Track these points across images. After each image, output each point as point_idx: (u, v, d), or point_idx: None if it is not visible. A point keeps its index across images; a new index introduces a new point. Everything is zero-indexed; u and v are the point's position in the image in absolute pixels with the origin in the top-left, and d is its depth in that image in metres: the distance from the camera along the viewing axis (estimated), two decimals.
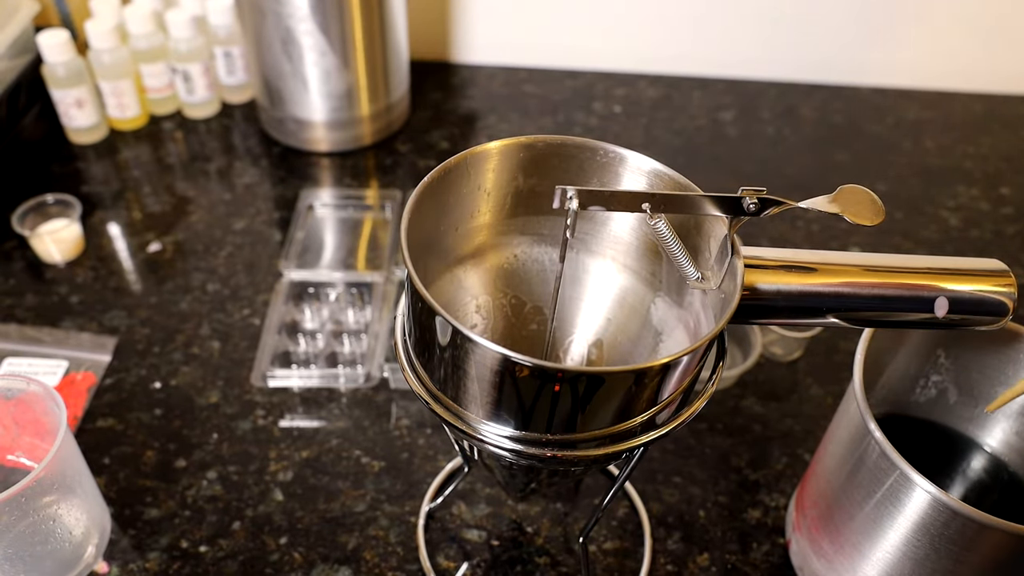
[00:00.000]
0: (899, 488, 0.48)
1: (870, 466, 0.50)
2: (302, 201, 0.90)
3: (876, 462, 0.50)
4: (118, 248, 0.86)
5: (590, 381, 0.39)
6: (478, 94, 1.11)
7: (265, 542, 0.63)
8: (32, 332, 0.76)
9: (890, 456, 0.48)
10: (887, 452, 0.48)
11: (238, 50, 1.01)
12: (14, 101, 0.94)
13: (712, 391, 0.45)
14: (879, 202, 0.42)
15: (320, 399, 0.72)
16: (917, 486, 0.47)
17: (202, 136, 1.02)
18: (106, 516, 0.62)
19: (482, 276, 0.52)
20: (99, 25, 0.93)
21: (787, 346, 0.76)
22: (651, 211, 0.42)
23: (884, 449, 0.48)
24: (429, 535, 0.64)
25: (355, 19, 0.90)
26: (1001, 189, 0.99)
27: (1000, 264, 0.47)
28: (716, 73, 1.15)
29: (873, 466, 0.50)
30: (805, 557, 0.60)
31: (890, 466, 0.48)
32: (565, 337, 0.54)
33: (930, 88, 1.15)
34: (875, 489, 0.50)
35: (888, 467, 0.49)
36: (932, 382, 0.61)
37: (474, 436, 0.43)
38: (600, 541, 0.64)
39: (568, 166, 0.48)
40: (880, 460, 0.49)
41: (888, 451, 0.48)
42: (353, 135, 0.99)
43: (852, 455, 0.52)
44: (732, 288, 0.43)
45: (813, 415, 0.73)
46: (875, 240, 0.91)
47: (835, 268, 0.46)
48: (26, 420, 0.60)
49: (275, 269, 0.84)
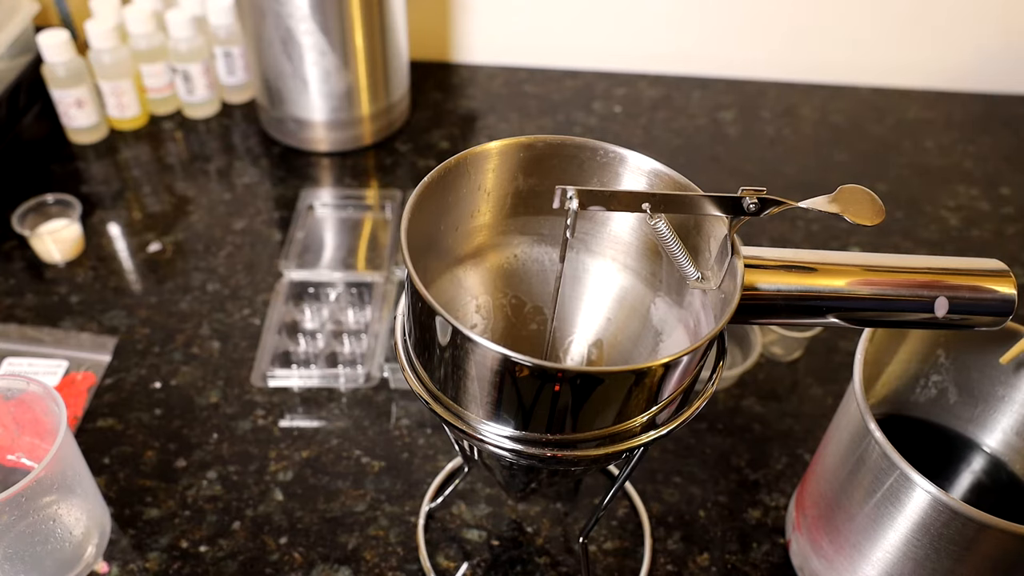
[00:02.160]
0: (899, 488, 0.49)
1: (870, 466, 0.50)
2: (302, 201, 0.90)
3: (876, 462, 0.50)
4: (118, 248, 0.86)
5: (590, 381, 0.39)
6: (478, 94, 1.11)
7: (265, 542, 0.63)
8: (32, 332, 0.76)
9: (890, 456, 0.48)
10: (887, 452, 0.48)
11: (238, 50, 1.01)
12: (14, 101, 0.95)
13: (712, 391, 0.45)
14: (879, 202, 0.42)
15: (320, 399, 0.72)
16: (917, 486, 0.47)
17: (202, 136, 1.02)
18: (106, 516, 0.62)
19: (482, 276, 0.52)
20: (99, 25, 0.93)
21: (787, 346, 0.76)
22: (651, 211, 0.42)
23: (884, 449, 0.48)
24: (429, 535, 0.64)
25: (355, 19, 0.90)
26: (1001, 189, 0.99)
27: (1000, 264, 0.47)
28: (716, 73, 1.15)
29: (873, 466, 0.50)
30: (805, 557, 0.60)
31: (890, 466, 0.48)
32: (565, 337, 0.54)
33: (930, 88, 1.15)
34: (875, 489, 0.50)
35: (888, 467, 0.49)
36: (932, 382, 0.61)
37: (474, 436, 0.43)
38: (600, 541, 0.64)
39: (568, 166, 0.48)
40: (880, 460, 0.49)
41: (888, 451, 0.48)
42: (353, 135, 0.99)
43: (852, 455, 0.52)
44: (732, 288, 0.43)
45: (813, 415, 0.73)
46: (875, 240, 0.91)
47: (835, 268, 0.46)
48: (26, 420, 0.60)
49: (275, 269, 0.84)
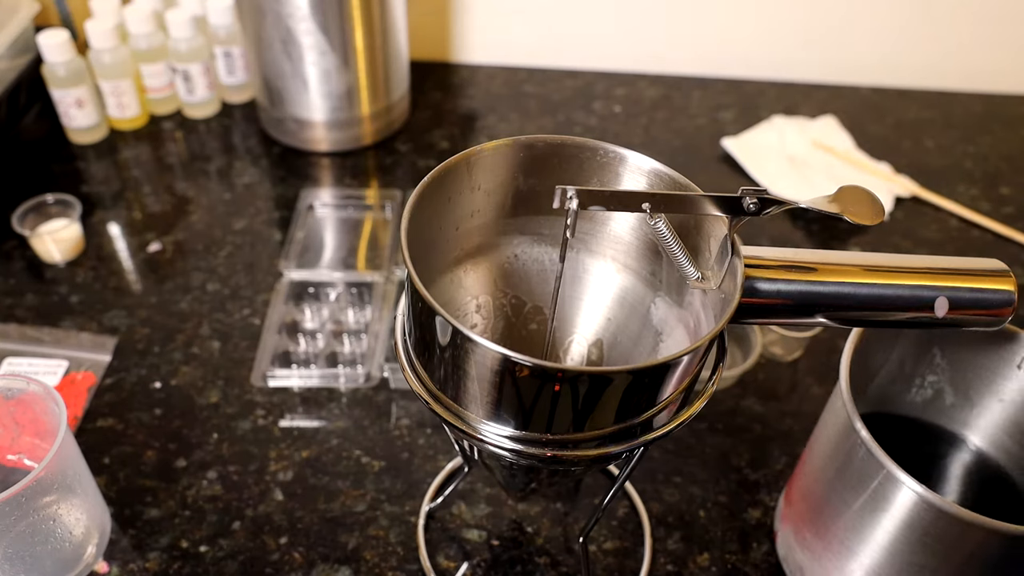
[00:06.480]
0: (886, 487, 0.48)
1: (857, 465, 0.50)
2: (302, 201, 0.90)
3: (863, 461, 0.50)
4: (118, 248, 0.86)
5: (590, 381, 0.39)
6: (478, 94, 1.11)
7: (265, 542, 0.63)
8: (32, 332, 0.76)
9: (876, 456, 0.48)
10: (873, 451, 0.48)
11: (238, 50, 1.01)
12: (14, 101, 0.94)
13: (712, 391, 0.45)
14: (879, 202, 0.42)
15: (320, 399, 0.72)
16: (903, 485, 0.47)
17: (202, 136, 1.02)
18: (106, 516, 0.62)
19: (482, 276, 0.52)
20: (99, 25, 0.93)
21: (787, 346, 0.76)
22: (651, 211, 0.42)
23: (870, 448, 0.48)
24: (429, 535, 0.64)
25: (355, 19, 0.90)
26: (1001, 189, 0.99)
27: (1000, 264, 0.47)
28: (716, 73, 1.15)
29: (860, 465, 0.50)
30: (790, 548, 0.60)
31: (877, 465, 0.48)
32: (565, 337, 0.54)
33: (930, 88, 1.15)
34: (863, 488, 0.50)
35: (875, 466, 0.49)
36: (928, 382, 0.61)
37: (474, 436, 0.43)
38: (600, 541, 0.64)
39: (568, 166, 0.48)
40: (867, 459, 0.49)
41: (874, 450, 0.48)
42: (353, 135, 0.99)
43: (839, 453, 0.52)
44: (732, 288, 0.43)
45: (813, 415, 0.73)
46: (875, 240, 0.91)
47: (835, 268, 0.46)
48: (26, 420, 0.60)
49: (275, 269, 0.84)
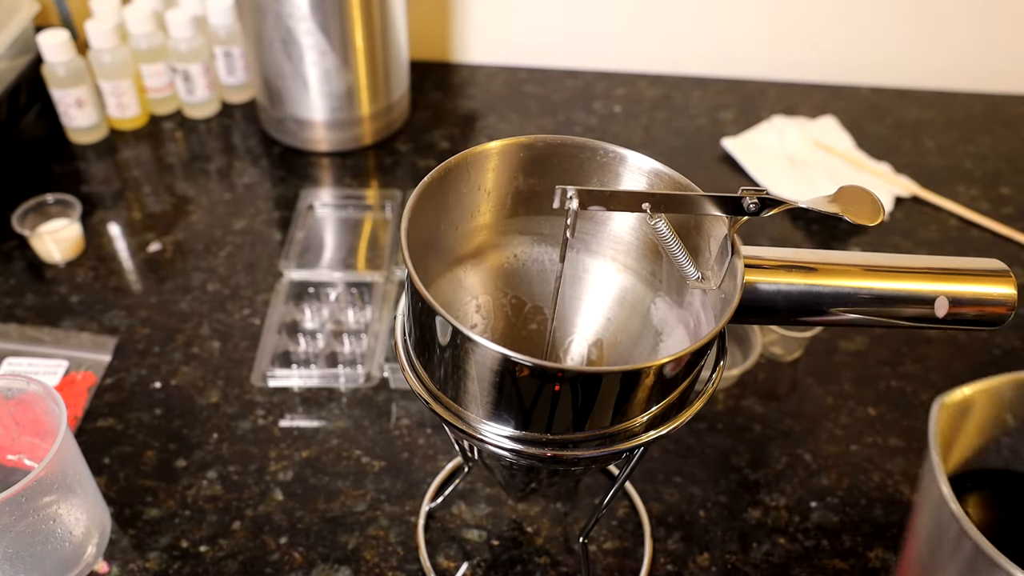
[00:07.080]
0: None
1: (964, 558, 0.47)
2: (302, 201, 0.90)
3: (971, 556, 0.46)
4: (118, 248, 0.86)
5: (590, 381, 0.39)
6: (478, 94, 1.11)
7: (265, 542, 0.63)
8: (32, 332, 0.76)
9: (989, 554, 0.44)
10: (983, 548, 0.44)
11: (238, 50, 1.01)
12: (14, 101, 0.94)
13: (712, 391, 0.45)
14: (879, 202, 0.42)
15: (320, 399, 0.72)
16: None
17: (202, 136, 1.02)
18: (106, 516, 0.62)
19: (482, 276, 0.52)
20: (99, 25, 0.93)
21: (787, 346, 0.76)
22: (651, 211, 0.42)
23: (980, 545, 0.45)
24: (429, 535, 0.64)
25: (355, 19, 0.90)
26: (1001, 189, 0.99)
27: (1000, 264, 0.47)
28: (716, 73, 1.15)
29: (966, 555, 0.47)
30: None
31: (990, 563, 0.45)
32: (565, 337, 0.54)
33: (930, 88, 1.15)
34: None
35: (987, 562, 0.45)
36: (1003, 444, 0.59)
37: (474, 436, 0.43)
38: (600, 541, 0.64)
39: (568, 166, 0.48)
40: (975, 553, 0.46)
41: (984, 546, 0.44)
42: (353, 135, 0.99)
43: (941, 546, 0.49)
44: (732, 288, 0.43)
45: (813, 415, 0.73)
46: (875, 240, 0.91)
47: (835, 268, 0.46)
48: (26, 420, 0.60)
49: (275, 269, 0.84)
